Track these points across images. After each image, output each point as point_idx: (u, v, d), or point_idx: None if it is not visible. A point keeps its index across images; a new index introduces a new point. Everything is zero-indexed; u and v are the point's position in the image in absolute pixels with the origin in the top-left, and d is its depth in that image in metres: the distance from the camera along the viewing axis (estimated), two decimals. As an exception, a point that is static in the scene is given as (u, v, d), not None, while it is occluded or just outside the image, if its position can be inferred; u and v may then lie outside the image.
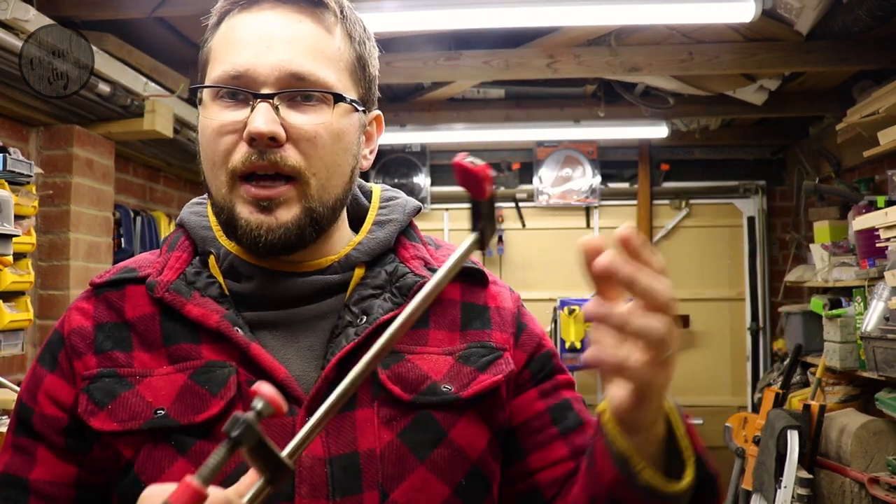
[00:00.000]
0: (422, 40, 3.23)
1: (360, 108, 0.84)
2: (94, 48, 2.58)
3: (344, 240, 0.87)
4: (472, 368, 0.83)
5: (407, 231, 0.90)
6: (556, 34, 3.28)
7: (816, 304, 3.60)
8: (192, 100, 3.42)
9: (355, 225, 0.90)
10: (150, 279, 0.83)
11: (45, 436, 0.81)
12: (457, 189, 5.03)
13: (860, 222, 2.89)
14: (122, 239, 3.31)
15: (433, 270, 0.85)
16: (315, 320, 0.83)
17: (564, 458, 0.86)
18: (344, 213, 0.87)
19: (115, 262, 3.20)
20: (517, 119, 4.26)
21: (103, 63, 2.67)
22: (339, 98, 0.80)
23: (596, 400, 4.88)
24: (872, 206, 3.08)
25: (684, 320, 4.84)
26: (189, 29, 3.07)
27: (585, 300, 4.47)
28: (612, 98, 4.06)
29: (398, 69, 3.27)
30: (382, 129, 0.92)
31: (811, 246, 3.90)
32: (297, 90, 0.78)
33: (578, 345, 4.32)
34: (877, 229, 2.70)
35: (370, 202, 0.92)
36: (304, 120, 0.78)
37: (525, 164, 5.04)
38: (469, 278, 0.89)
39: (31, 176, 2.22)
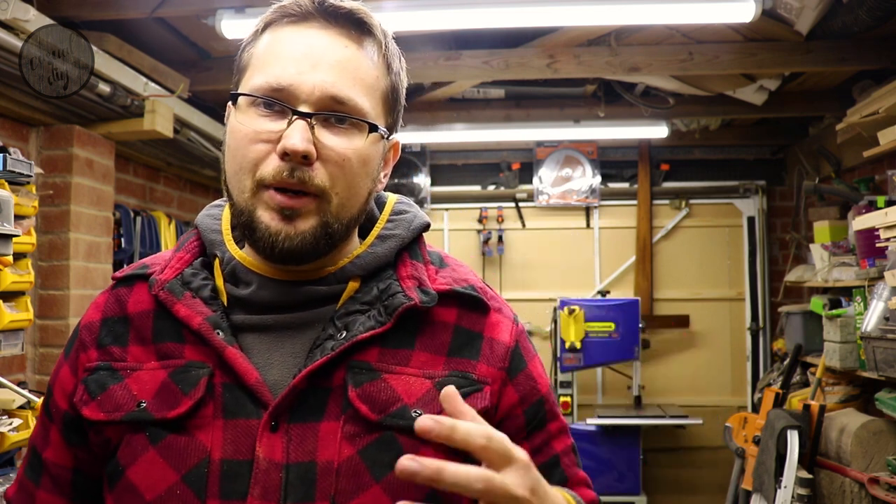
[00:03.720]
0: (422, 40, 3.24)
1: (387, 137, 0.87)
2: (94, 48, 2.58)
3: (346, 251, 0.88)
4: None
5: (411, 247, 0.90)
6: (556, 34, 3.28)
7: (816, 304, 3.60)
8: (192, 100, 3.42)
9: (364, 234, 0.91)
10: (152, 277, 0.87)
11: (55, 421, 0.89)
12: (457, 189, 5.06)
13: (860, 222, 2.89)
14: (122, 239, 3.31)
15: (425, 292, 0.85)
16: (302, 328, 0.84)
17: None
18: (352, 232, 0.89)
19: (114, 262, 3.21)
20: (517, 119, 4.26)
21: (103, 63, 2.67)
22: (373, 128, 0.83)
23: (596, 400, 4.89)
24: (872, 206, 3.08)
25: (684, 320, 4.84)
26: (189, 29, 3.07)
27: (586, 300, 4.49)
28: (612, 98, 4.06)
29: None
30: (398, 155, 0.94)
31: (811, 246, 3.90)
32: (335, 113, 0.80)
33: (578, 345, 4.32)
34: (877, 229, 2.70)
35: (381, 212, 0.93)
36: (337, 143, 0.81)
37: (525, 164, 5.04)
38: (466, 303, 0.88)
39: (31, 176, 2.21)
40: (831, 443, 2.98)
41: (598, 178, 4.95)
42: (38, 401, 2.13)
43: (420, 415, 0.78)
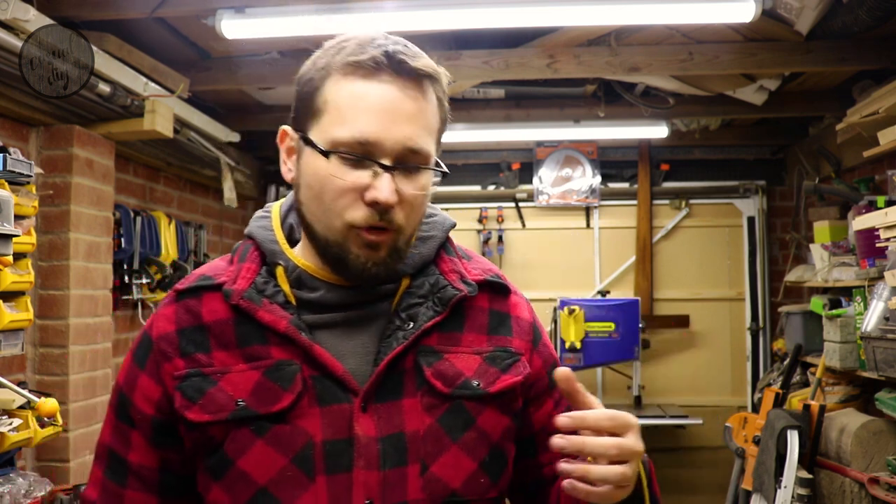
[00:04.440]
0: (422, 40, 3.21)
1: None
2: (94, 48, 2.58)
3: None
4: (496, 369, 1.00)
5: (445, 245, 1.05)
6: (556, 34, 3.28)
7: (816, 304, 3.60)
8: (193, 100, 3.42)
9: None
10: (225, 287, 0.97)
11: (139, 426, 0.98)
12: (457, 189, 5.06)
13: (860, 222, 2.89)
14: (122, 239, 3.31)
15: (468, 283, 1.01)
16: (367, 322, 0.98)
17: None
18: None
19: (115, 262, 3.21)
20: (517, 119, 4.26)
21: (103, 63, 2.67)
22: (437, 170, 0.97)
23: (596, 400, 4.88)
24: (872, 206, 3.07)
25: (684, 320, 4.85)
26: (189, 29, 3.07)
27: (586, 300, 4.49)
28: (612, 98, 4.05)
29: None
30: None
31: (811, 246, 3.90)
32: (412, 166, 0.94)
33: (578, 345, 4.32)
34: (877, 229, 2.70)
35: None
36: (412, 187, 0.94)
37: (525, 164, 5.04)
38: (494, 289, 1.05)
39: (31, 176, 2.22)
40: (831, 443, 2.98)
41: (598, 178, 4.95)
42: (38, 401, 2.13)
43: (479, 385, 0.97)
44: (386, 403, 0.94)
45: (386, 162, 0.91)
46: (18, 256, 2.23)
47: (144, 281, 3.45)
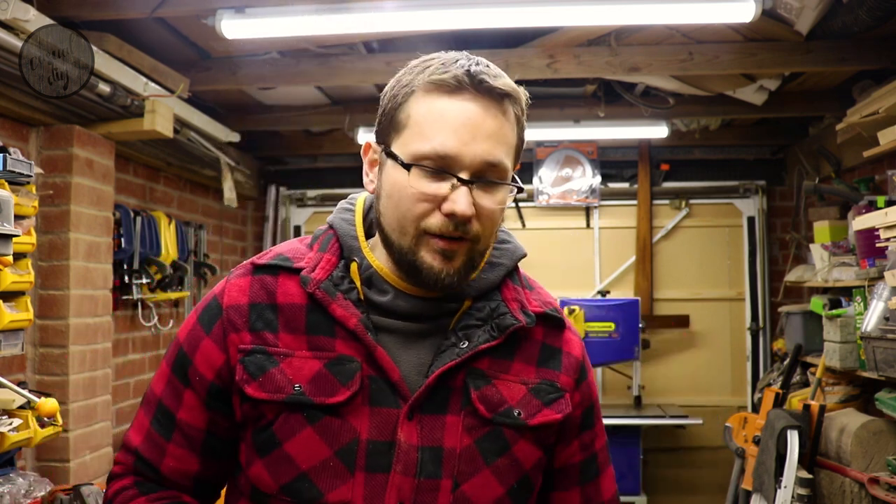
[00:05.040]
0: (422, 40, 3.23)
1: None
2: (94, 48, 2.58)
3: None
4: (539, 402, 1.03)
5: (512, 273, 1.08)
6: (556, 34, 3.28)
7: (816, 304, 3.60)
8: (193, 100, 3.42)
9: None
10: (304, 273, 1.00)
11: (194, 386, 1.02)
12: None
13: (860, 222, 2.89)
14: (122, 239, 3.31)
15: (527, 314, 1.03)
16: (425, 335, 1.01)
17: (574, 502, 1.11)
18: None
19: (115, 262, 3.21)
20: (517, 119, 4.25)
21: (103, 63, 2.67)
22: (514, 182, 1.00)
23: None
24: (872, 206, 3.07)
25: (684, 320, 4.84)
26: (189, 29, 3.07)
27: (586, 300, 4.49)
28: (612, 98, 4.05)
29: (398, 69, 3.26)
30: None
31: (811, 246, 3.90)
32: (489, 181, 0.96)
33: (578, 345, 4.31)
34: (877, 229, 2.70)
35: None
36: (490, 201, 0.97)
37: (525, 164, 5.03)
38: (551, 323, 1.08)
39: (31, 176, 2.21)
40: (831, 443, 2.98)
41: (598, 178, 4.95)
42: (39, 401, 2.13)
43: (520, 415, 1.00)
44: (430, 416, 0.97)
45: (464, 176, 0.95)
46: (18, 256, 2.23)
47: (144, 281, 3.45)
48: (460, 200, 0.94)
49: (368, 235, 1.06)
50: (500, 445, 0.99)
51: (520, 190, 1.02)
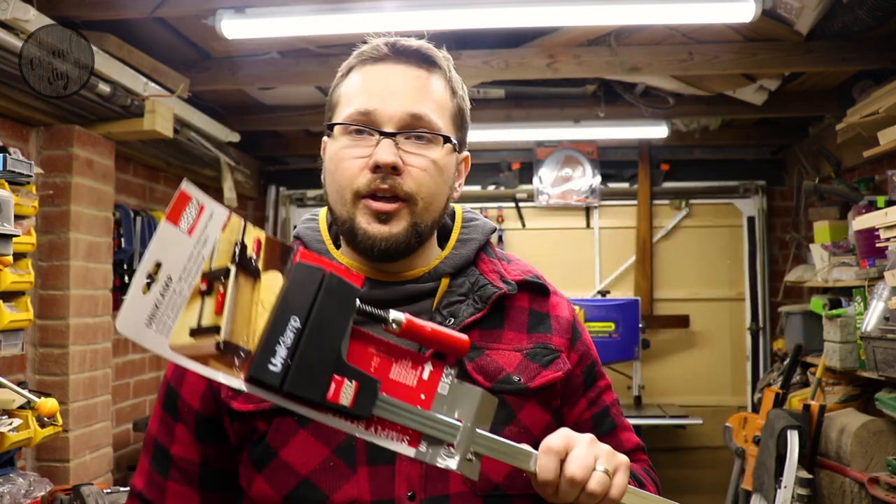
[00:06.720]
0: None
1: (458, 150, 1.04)
2: (94, 48, 2.58)
3: (433, 254, 1.06)
4: (537, 365, 1.02)
5: (485, 248, 1.08)
6: (556, 34, 3.28)
7: (816, 304, 3.60)
8: (192, 100, 3.42)
9: (440, 241, 1.09)
10: None
11: (184, 419, 1.01)
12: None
13: (860, 222, 2.89)
14: (122, 239, 3.31)
15: (507, 283, 1.03)
16: None
17: None
18: (434, 232, 1.05)
19: (115, 262, 3.20)
20: (517, 119, 4.26)
21: (103, 63, 2.67)
22: (446, 139, 1.00)
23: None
24: (872, 206, 3.08)
25: (684, 320, 4.84)
26: (189, 29, 3.07)
27: (586, 300, 4.49)
28: (612, 98, 4.05)
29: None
30: (469, 168, 1.11)
31: (811, 246, 3.90)
32: (414, 131, 0.97)
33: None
34: (877, 229, 2.70)
35: (453, 222, 1.10)
36: (419, 158, 0.97)
37: (525, 164, 5.04)
38: (534, 289, 1.07)
39: (31, 176, 2.21)
40: (831, 443, 2.98)
41: (598, 178, 4.95)
42: (39, 401, 2.13)
43: (520, 380, 0.99)
44: None
45: (388, 129, 0.96)
46: (18, 256, 2.23)
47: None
48: (382, 150, 0.94)
49: (336, 245, 1.07)
50: (505, 414, 0.97)
51: (455, 148, 1.02)
